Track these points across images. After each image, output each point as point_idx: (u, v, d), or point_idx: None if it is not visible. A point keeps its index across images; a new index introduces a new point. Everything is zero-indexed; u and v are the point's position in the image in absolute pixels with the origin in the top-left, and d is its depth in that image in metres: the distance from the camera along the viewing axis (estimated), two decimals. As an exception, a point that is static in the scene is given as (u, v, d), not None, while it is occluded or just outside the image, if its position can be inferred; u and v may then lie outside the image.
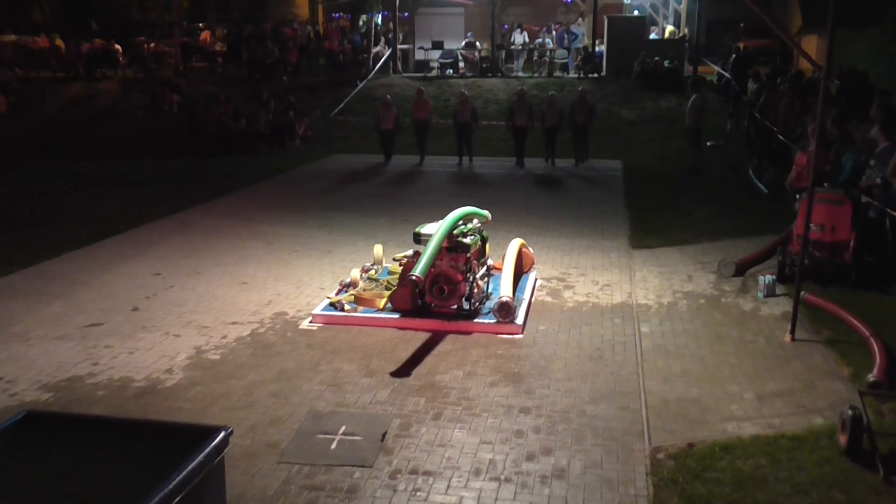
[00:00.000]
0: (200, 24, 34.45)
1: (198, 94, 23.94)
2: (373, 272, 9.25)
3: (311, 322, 8.19)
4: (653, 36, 30.20)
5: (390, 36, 29.28)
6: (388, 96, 19.88)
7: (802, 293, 7.78)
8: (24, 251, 10.65)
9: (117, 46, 28.00)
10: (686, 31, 29.32)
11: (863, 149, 9.97)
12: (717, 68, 25.59)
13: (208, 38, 31.05)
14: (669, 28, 29.58)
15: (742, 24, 29.76)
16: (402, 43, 29.81)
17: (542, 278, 9.67)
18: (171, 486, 3.55)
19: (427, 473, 5.34)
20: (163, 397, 6.47)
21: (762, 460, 5.42)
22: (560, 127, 17.95)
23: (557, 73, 27.81)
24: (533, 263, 9.77)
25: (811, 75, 18.28)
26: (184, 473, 3.66)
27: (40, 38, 28.92)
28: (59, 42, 28.49)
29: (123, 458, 4.10)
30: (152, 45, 29.36)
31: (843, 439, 5.47)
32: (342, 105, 23.65)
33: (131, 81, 26.78)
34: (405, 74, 27.91)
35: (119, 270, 9.97)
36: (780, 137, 14.33)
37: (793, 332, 7.52)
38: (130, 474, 3.98)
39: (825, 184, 9.39)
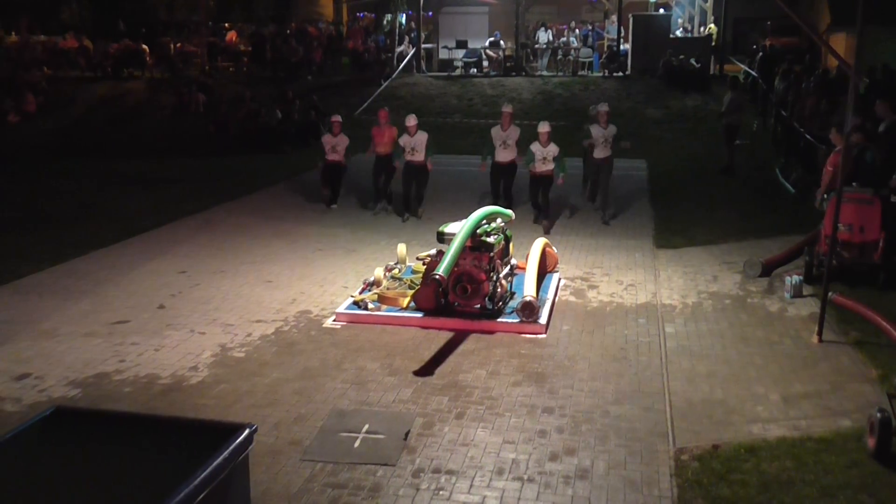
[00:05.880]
0: (226, 24, 34.68)
1: (223, 94, 24.12)
2: (396, 271, 9.26)
3: (334, 320, 8.22)
4: (679, 32, 29.94)
5: (414, 35, 29.31)
6: (387, 108, 14.46)
7: (830, 294, 7.69)
8: (53, 249, 10.78)
9: (144, 46, 28.28)
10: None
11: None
12: (743, 66, 25.34)
13: (235, 38, 31.25)
14: (711, 26, 29.20)
15: (769, 22, 29.44)
16: (426, 42, 29.82)
17: (565, 278, 9.64)
18: (196, 483, 3.58)
19: (450, 472, 5.34)
20: (188, 394, 6.53)
21: (788, 463, 5.37)
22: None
23: (582, 72, 27.70)
24: (557, 263, 9.74)
25: (834, 73, 18.06)
26: (209, 470, 3.69)
27: (69, 38, 29.25)
28: (87, 42, 28.80)
29: (149, 455, 4.15)
30: (178, 44, 29.60)
31: (871, 442, 5.40)
32: (366, 104, 23.71)
33: (158, 81, 27.03)
34: (429, 74, 27.92)
35: (145, 268, 10.07)
36: (808, 137, 14.16)
37: (820, 333, 7.43)
38: (156, 470, 4.02)
39: (854, 183, 9.27)
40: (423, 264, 8.99)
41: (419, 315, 8.17)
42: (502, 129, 12.57)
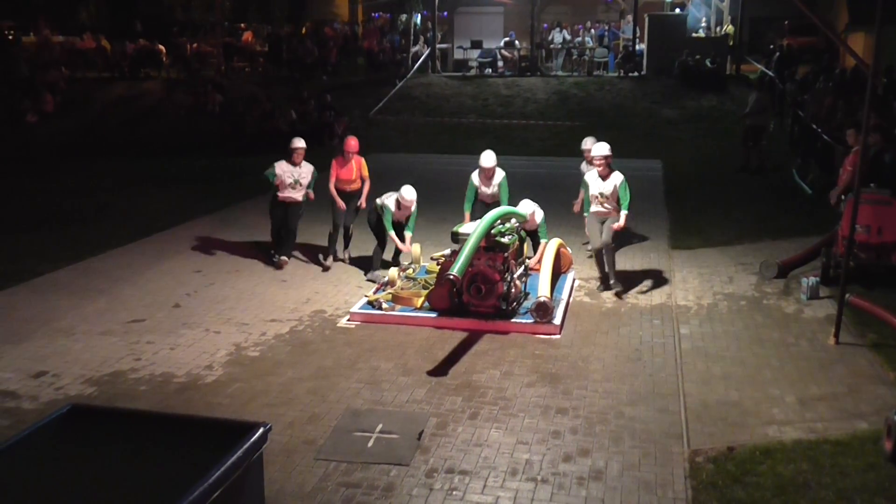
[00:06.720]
0: (242, 25, 34.82)
1: (240, 94, 24.20)
2: (411, 271, 9.28)
3: (349, 320, 8.24)
4: (703, 22, 29.75)
5: (429, 35, 29.33)
6: (356, 137, 11.15)
7: (847, 296, 7.63)
8: (70, 248, 10.86)
9: (161, 47, 28.42)
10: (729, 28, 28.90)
11: None
12: (760, 66, 25.19)
13: (251, 38, 31.36)
14: (728, 26, 29.06)
15: (786, 22, 29.25)
16: (441, 42, 29.82)
17: (580, 278, 9.61)
18: (210, 481, 3.60)
19: (463, 473, 5.34)
20: (203, 393, 6.56)
21: (804, 465, 5.33)
22: None
23: (597, 73, 27.63)
24: (571, 263, 9.71)
25: (849, 73, 17.92)
26: (223, 468, 3.70)
27: (86, 38, 29.43)
28: (104, 42, 28.98)
29: (164, 453, 4.17)
30: (195, 45, 29.73)
31: (888, 445, 5.36)
32: (381, 104, 23.73)
33: (174, 81, 27.16)
34: (444, 74, 27.93)
35: (161, 268, 10.13)
36: (825, 137, 14.06)
37: (837, 335, 7.38)
38: (171, 468, 4.04)
39: (871, 184, 9.20)
40: (438, 264, 9.00)
41: (433, 315, 8.17)
42: (483, 182, 10.02)
